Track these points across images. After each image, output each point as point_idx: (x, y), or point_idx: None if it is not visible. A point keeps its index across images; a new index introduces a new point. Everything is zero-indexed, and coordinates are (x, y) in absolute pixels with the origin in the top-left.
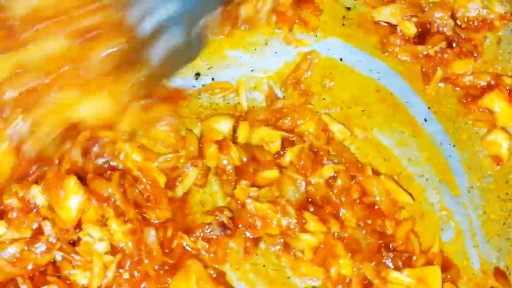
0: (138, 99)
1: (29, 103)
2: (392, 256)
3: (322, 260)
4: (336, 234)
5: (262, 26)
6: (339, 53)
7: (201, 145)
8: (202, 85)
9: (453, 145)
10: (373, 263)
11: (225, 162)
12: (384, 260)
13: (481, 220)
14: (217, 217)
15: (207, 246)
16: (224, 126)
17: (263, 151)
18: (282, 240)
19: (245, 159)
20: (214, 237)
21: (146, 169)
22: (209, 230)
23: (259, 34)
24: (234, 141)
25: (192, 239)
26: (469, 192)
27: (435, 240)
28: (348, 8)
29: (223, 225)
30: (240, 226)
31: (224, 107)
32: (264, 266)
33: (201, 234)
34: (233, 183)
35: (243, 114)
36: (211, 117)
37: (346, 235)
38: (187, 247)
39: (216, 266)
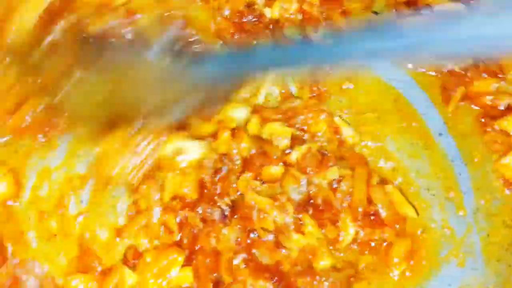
0: None
1: None
2: None
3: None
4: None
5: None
6: None
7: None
8: None
9: (465, 163)
10: None
11: (234, 151)
12: None
13: (483, 242)
14: (217, 203)
15: (202, 225)
16: (240, 114)
17: (272, 146)
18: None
19: (253, 151)
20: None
21: None
22: (209, 211)
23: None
24: (245, 131)
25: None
26: (474, 213)
27: None
28: (376, 13)
29: (222, 212)
30: (236, 216)
31: (239, 97)
32: None
33: (200, 212)
34: (238, 174)
35: (257, 107)
36: (229, 104)
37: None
38: None
39: None
